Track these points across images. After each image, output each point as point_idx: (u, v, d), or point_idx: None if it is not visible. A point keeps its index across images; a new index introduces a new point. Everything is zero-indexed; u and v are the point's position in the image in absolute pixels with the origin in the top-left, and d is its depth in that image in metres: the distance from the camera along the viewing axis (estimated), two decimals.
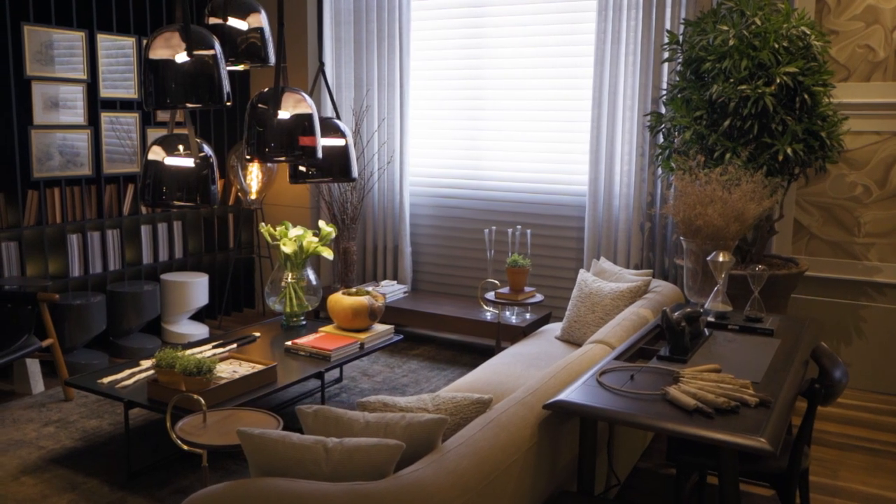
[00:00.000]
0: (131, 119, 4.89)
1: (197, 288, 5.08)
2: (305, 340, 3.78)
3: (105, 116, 4.73)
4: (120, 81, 4.78)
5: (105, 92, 4.71)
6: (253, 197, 5.39)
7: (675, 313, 2.63)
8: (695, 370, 2.33)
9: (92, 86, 4.63)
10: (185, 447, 2.40)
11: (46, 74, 4.39)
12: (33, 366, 4.09)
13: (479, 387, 3.16)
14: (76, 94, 4.56)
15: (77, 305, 4.41)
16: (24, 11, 4.28)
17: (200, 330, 5.14)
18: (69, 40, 4.50)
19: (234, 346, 3.81)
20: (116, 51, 4.74)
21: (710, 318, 3.00)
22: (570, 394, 2.20)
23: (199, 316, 5.36)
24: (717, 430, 1.96)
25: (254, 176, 5.34)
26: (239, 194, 5.51)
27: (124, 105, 4.83)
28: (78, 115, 4.58)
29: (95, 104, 4.66)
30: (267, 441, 1.81)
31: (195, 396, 2.55)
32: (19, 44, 4.25)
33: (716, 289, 3.04)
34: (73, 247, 4.63)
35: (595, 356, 2.70)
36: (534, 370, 3.26)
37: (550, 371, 2.51)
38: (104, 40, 4.67)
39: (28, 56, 4.29)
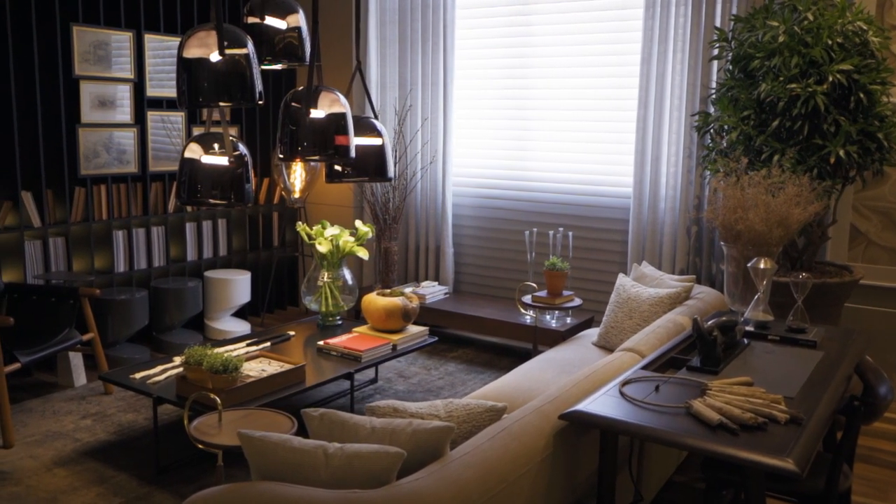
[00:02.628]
0: (177, 118, 4.97)
1: (239, 285, 5.13)
2: (338, 340, 3.77)
3: (152, 115, 4.81)
4: (166, 81, 4.85)
5: (151, 91, 4.78)
6: (296, 196, 5.42)
7: (709, 322, 2.51)
8: (724, 383, 2.21)
9: (139, 85, 4.72)
10: (201, 446, 2.39)
11: (94, 74, 4.48)
12: (76, 359, 4.17)
13: (508, 392, 3.09)
14: (123, 93, 4.65)
15: (120, 301, 4.48)
16: (74, 12, 4.38)
17: (242, 327, 5.19)
18: (117, 40, 4.58)
19: (268, 344, 3.81)
20: (163, 51, 4.81)
21: (750, 328, 2.86)
22: (589, 404, 2.11)
23: (242, 313, 5.41)
24: (741, 447, 1.85)
25: (297, 175, 5.36)
26: (283, 193, 5.54)
27: (170, 104, 4.90)
28: (125, 113, 4.67)
29: (142, 103, 4.74)
30: (267, 444, 1.78)
31: (212, 395, 2.54)
32: (68, 44, 4.35)
33: (756, 297, 2.90)
34: (118, 243, 4.72)
35: (623, 365, 2.59)
36: (565, 376, 3.16)
37: (573, 379, 2.42)
38: (151, 40, 4.75)
39: (77, 56, 4.38)
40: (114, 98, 4.61)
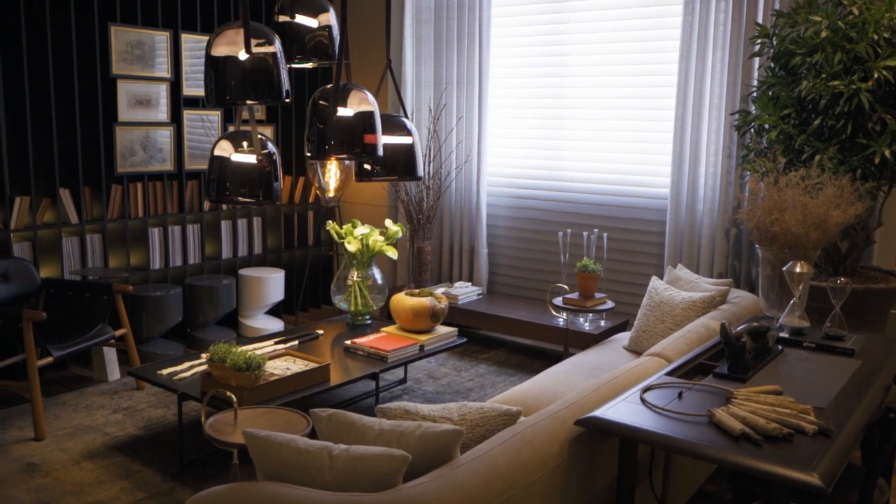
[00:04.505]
0: (214, 116, 5.01)
1: (273, 283, 5.15)
2: (365, 340, 3.74)
3: (189, 114, 4.85)
4: (202, 80, 4.89)
5: (188, 90, 4.83)
6: (331, 195, 5.42)
7: (739, 327, 2.42)
8: (750, 391, 2.12)
9: (175, 84, 4.77)
10: (217, 444, 2.39)
11: (131, 73, 4.54)
12: (110, 354, 4.23)
13: (533, 394, 3.03)
14: (160, 92, 4.70)
15: (155, 297, 4.54)
16: (112, 12, 4.44)
17: (276, 324, 5.21)
18: (154, 40, 4.64)
19: (296, 342, 3.81)
20: (200, 50, 4.86)
21: (784, 334, 2.75)
22: (607, 410, 2.04)
23: (276, 311, 5.43)
24: (763, 459, 1.76)
25: (332, 174, 5.37)
26: (317, 192, 5.55)
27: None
28: (161, 112, 4.72)
29: (178, 102, 4.79)
30: (272, 444, 1.76)
31: (228, 393, 2.54)
32: (106, 43, 4.42)
33: (792, 302, 2.79)
34: (154, 240, 4.78)
35: (647, 370, 2.51)
36: (592, 380, 3.08)
37: (594, 384, 2.35)
38: (188, 40, 4.79)
39: (114, 55, 4.44)
40: (151, 97, 4.66)
